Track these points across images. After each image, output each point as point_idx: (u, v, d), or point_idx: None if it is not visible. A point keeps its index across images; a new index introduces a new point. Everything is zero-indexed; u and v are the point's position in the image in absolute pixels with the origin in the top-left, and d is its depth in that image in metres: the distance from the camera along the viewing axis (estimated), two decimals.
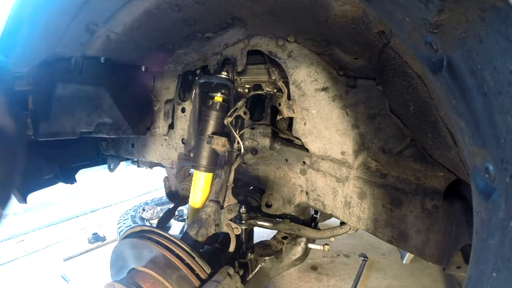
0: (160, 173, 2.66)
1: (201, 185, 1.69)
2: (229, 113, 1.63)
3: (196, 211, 1.66)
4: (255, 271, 1.69)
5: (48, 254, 3.68)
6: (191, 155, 1.90)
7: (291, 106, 1.55)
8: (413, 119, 1.14)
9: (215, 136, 1.58)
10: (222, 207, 1.60)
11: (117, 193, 5.92)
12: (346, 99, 1.41)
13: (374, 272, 3.17)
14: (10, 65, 1.32)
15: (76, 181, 2.36)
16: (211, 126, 1.68)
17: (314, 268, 3.25)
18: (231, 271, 1.39)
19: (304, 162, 1.60)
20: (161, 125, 2.03)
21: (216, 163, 1.69)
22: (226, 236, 1.62)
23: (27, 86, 1.56)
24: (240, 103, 1.64)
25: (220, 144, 1.57)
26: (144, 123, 2.00)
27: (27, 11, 1.17)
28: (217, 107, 1.68)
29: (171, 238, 1.39)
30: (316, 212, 2.01)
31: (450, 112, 0.66)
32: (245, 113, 1.68)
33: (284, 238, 1.85)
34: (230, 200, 1.60)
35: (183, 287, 1.31)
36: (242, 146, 1.64)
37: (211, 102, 1.70)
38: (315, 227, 1.82)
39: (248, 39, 1.57)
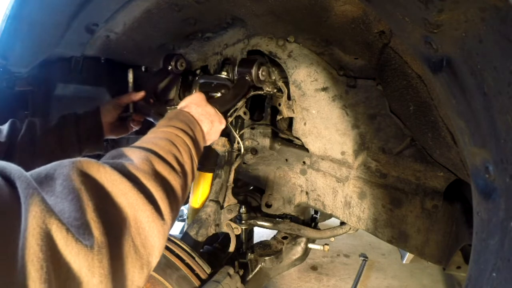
0: None
1: (201, 185, 1.69)
2: (229, 113, 1.62)
3: (196, 211, 1.66)
4: (255, 271, 1.69)
5: None
6: None
7: (291, 106, 1.55)
8: (413, 119, 1.14)
9: None
10: (222, 207, 1.60)
11: None
12: (346, 99, 1.40)
13: (374, 272, 3.17)
14: (10, 66, 1.32)
15: None
16: None
17: (314, 268, 3.25)
18: (231, 271, 1.39)
19: (304, 162, 1.60)
20: None
21: (216, 163, 1.69)
22: (226, 236, 1.62)
23: (27, 86, 1.56)
24: (240, 103, 1.64)
25: (220, 144, 1.57)
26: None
27: (26, 10, 1.17)
28: None
29: (171, 238, 1.39)
30: (316, 212, 2.01)
31: (450, 112, 0.66)
32: (245, 113, 1.67)
33: (284, 238, 1.85)
34: (230, 200, 1.60)
35: (183, 287, 1.31)
36: (242, 146, 1.63)
37: None
38: (315, 227, 1.82)
39: (248, 39, 1.57)
